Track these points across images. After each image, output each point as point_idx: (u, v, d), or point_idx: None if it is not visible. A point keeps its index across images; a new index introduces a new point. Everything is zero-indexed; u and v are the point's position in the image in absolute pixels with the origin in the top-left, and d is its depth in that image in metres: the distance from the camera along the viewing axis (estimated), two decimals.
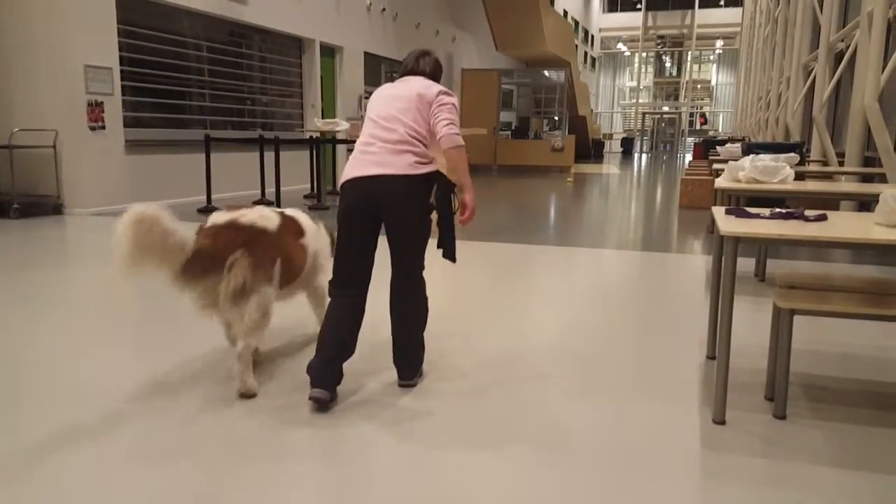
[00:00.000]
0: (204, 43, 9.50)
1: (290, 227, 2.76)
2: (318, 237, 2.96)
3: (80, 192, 7.68)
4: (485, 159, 16.95)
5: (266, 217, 2.64)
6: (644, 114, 35.28)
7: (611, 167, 20.17)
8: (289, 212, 2.87)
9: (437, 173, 2.57)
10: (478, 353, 3.22)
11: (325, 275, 3.06)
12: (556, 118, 19.62)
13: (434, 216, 2.65)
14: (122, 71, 8.15)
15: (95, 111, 7.73)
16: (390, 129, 2.57)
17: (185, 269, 2.34)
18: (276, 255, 2.58)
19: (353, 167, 2.58)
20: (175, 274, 2.34)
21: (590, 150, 24.99)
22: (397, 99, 2.63)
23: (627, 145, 30.65)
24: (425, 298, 2.73)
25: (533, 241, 6.43)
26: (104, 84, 7.82)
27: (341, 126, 9.16)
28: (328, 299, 2.89)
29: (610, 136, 32.55)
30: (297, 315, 3.70)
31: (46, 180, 7.67)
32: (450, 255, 2.70)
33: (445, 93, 2.64)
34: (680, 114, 35.65)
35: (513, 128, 19.94)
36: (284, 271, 2.65)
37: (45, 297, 4.10)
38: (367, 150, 2.58)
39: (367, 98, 11.41)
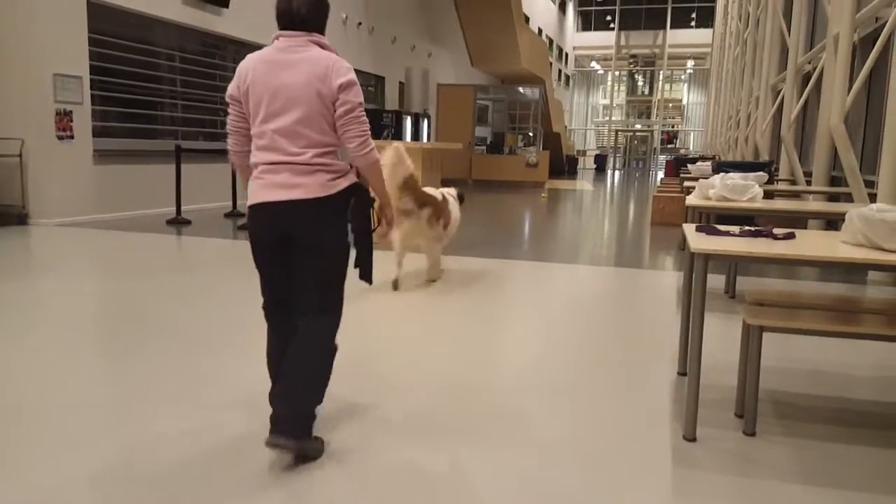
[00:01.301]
0: (177, 53, 9.40)
1: (446, 199, 5.08)
2: (455, 207, 5.25)
3: (45, 203, 7.52)
4: (460, 174, 16.99)
5: (438, 192, 5.05)
6: (617, 131, 35.77)
7: (584, 183, 20.34)
8: (444, 190, 5.24)
9: (355, 186, 2.26)
10: (443, 369, 3.19)
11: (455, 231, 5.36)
12: (531, 134, 19.75)
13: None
14: (92, 80, 8.02)
15: (64, 120, 7.59)
16: (296, 147, 2.18)
17: (402, 185, 4.56)
18: (441, 213, 4.92)
19: (258, 189, 2.21)
20: (398, 186, 4.52)
21: (564, 166, 25.19)
22: (290, 99, 2.16)
23: (601, 162, 31.02)
24: (331, 357, 2.27)
25: (507, 255, 6.43)
26: (73, 93, 7.69)
27: None
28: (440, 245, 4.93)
29: (583, 153, 32.93)
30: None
31: (11, 190, 7.49)
32: (366, 275, 2.38)
33: (348, 86, 2.18)
34: (652, 131, 36.23)
35: (488, 143, 20.03)
36: (444, 223, 5.03)
37: (5, 310, 3.98)
38: (271, 168, 2.20)
39: None
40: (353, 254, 2.35)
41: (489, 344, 3.63)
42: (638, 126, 39.25)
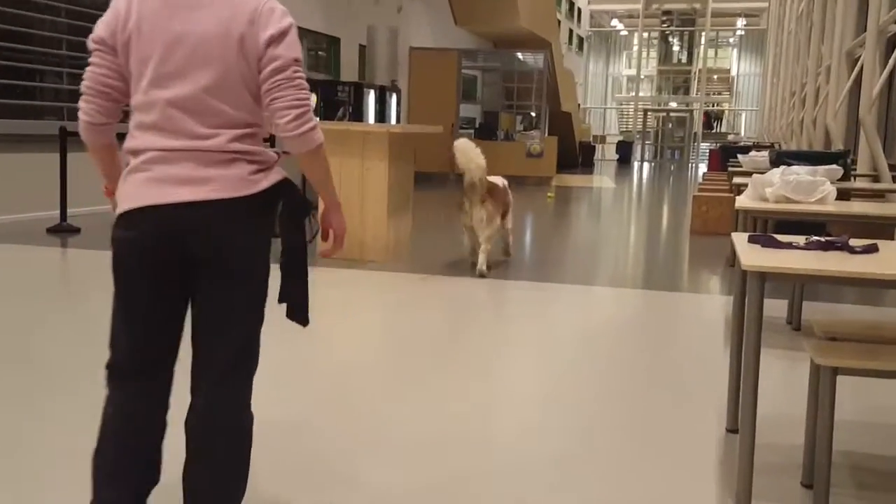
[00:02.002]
0: (62, 5, 9.36)
1: (506, 190, 6.84)
2: (509, 193, 6.95)
3: None
4: (439, 166, 17.02)
5: (497, 180, 6.77)
6: (646, 111, 36.15)
7: (603, 179, 20.52)
8: (497, 179, 6.88)
9: (283, 184, 2.03)
10: (417, 436, 3.18)
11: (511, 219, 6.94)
12: (533, 115, 19.90)
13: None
14: None
15: None
16: (204, 126, 1.95)
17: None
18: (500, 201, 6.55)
19: (139, 187, 1.94)
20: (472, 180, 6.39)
21: (576, 156, 25.42)
22: (196, 54, 1.94)
23: (624, 151, 31.35)
24: (251, 432, 2.07)
25: (502, 275, 6.46)
26: None
27: None
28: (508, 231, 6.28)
29: (602, 140, 33.19)
30: None
31: None
32: (300, 312, 2.12)
33: (280, 36, 1.97)
34: (691, 112, 36.65)
35: (477, 126, 20.14)
36: (502, 212, 6.68)
37: None
38: (164, 156, 1.94)
39: None
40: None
41: (479, 398, 3.62)
42: (673, 104, 39.73)
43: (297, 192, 2.07)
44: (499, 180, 6.90)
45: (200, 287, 1.98)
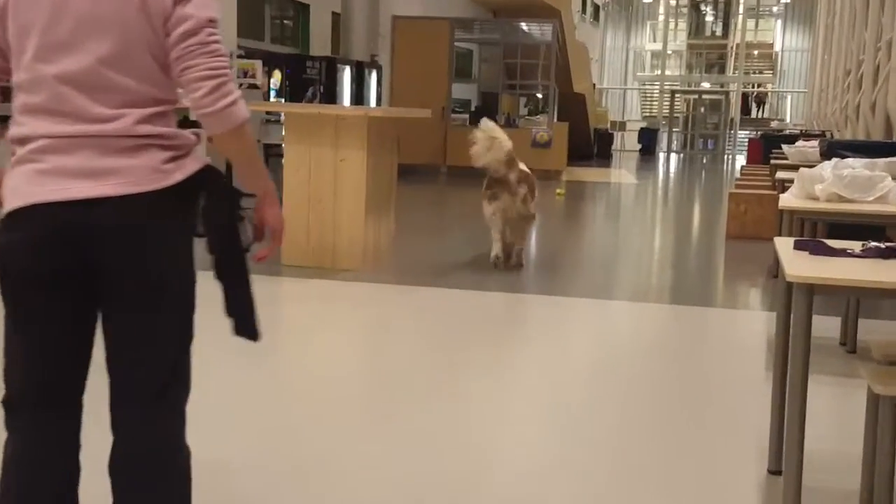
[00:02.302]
0: None
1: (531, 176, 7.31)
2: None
3: None
4: (428, 157, 17.06)
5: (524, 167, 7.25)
6: (673, 92, 36.23)
7: (623, 174, 20.57)
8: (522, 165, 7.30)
9: (206, 171, 2.00)
10: (403, 476, 3.17)
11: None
12: (540, 96, 19.93)
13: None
14: None
15: None
16: (102, 105, 1.89)
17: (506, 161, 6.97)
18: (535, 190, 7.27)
19: (28, 181, 1.87)
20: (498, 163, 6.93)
21: (591, 146, 25.47)
22: (89, 19, 1.89)
23: (648, 140, 31.41)
24: (188, 470, 2.05)
25: (503, 286, 6.47)
26: None
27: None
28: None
29: (622, 127, 33.29)
30: None
31: None
32: (248, 326, 2.09)
33: None
34: (728, 94, 36.76)
35: (472, 109, 20.13)
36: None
37: None
38: (56, 145, 1.87)
39: (240, 57, 11.41)
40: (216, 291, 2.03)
41: (474, 438, 3.61)
42: (706, 85, 39.86)
43: (222, 181, 2.03)
44: (523, 166, 7.33)
45: (110, 302, 1.93)
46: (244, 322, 2.06)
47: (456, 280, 6.62)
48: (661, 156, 30.45)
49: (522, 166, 7.27)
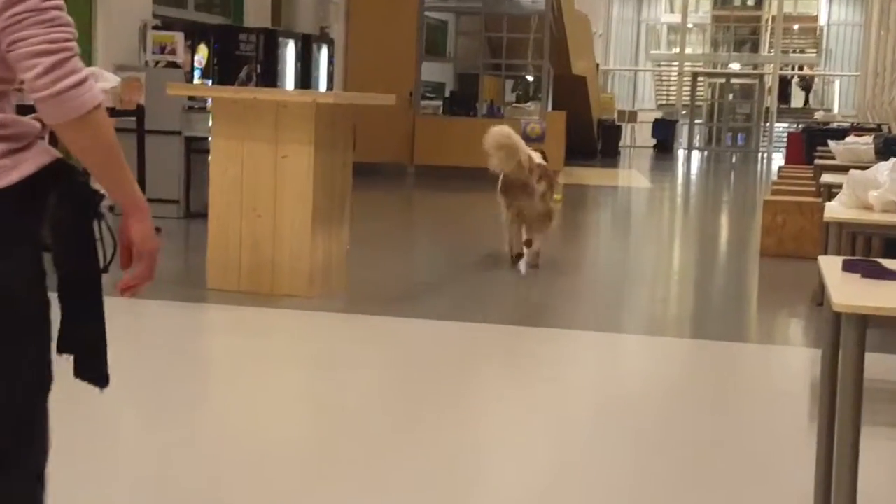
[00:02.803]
0: None
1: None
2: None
3: None
4: (392, 154, 17.04)
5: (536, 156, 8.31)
6: (695, 75, 36.49)
7: (634, 175, 20.66)
8: (536, 155, 8.29)
9: (54, 168, 1.99)
10: None
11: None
12: (530, 79, 20.00)
13: None
14: None
15: None
16: None
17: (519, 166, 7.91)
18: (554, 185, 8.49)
19: None
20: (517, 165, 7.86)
21: (594, 140, 25.57)
22: None
23: (664, 134, 31.57)
24: None
25: (485, 316, 6.45)
26: None
27: (105, 82, 9.04)
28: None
29: (632, 118, 33.46)
30: None
31: None
32: (92, 367, 2.04)
33: None
34: (762, 77, 37.06)
35: (447, 95, 20.15)
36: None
37: None
38: None
39: (156, 29, 11.35)
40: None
41: (456, 496, 3.59)
42: (735, 66, 40.14)
43: (77, 181, 1.98)
44: (537, 156, 8.24)
45: None
46: (88, 361, 2.00)
47: (427, 308, 6.61)
48: (681, 153, 30.65)
49: (538, 157, 8.12)
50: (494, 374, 5.32)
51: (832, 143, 9.76)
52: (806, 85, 41.70)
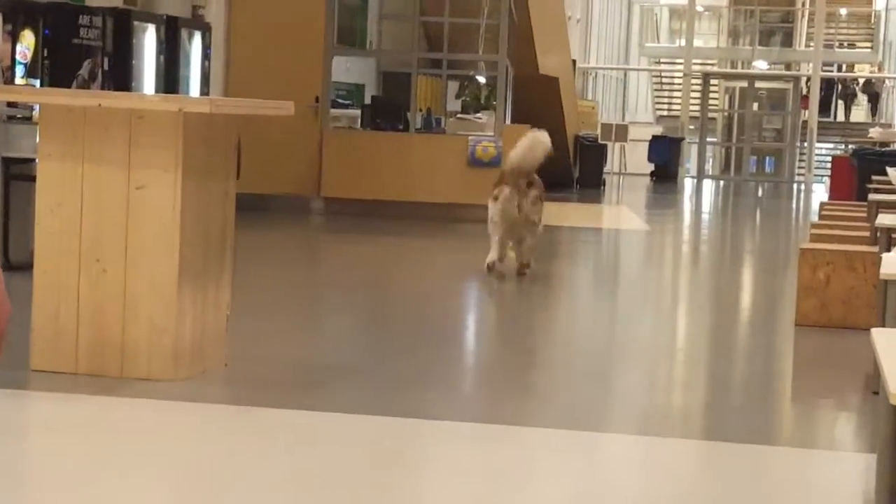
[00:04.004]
0: None
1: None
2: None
3: None
4: (292, 183, 17.00)
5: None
6: (707, 77, 36.88)
7: (624, 214, 20.78)
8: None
9: None
10: None
11: None
12: (482, 80, 20.06)
13: None
14: None
15: None
16: None
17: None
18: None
19: None
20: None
21: (569, 165, 25.70)
22: None
23: (665, 156, 31.78)
24: None
25: (418, 409, 6.44)
26: None
27: None
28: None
29: (622, 134, 33.70)
30: None
31: None
32: None
33: None
34: (797, 81, 37.51)
35: (367, 102, 20.14)
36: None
37: None
38: None
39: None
40: None
41: None
42: (761, 65, 40.61)
43: None
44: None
45: None
46: None
47: (338, 397, 6.61)
48: (688, 184, 30.91)
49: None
50: (430, 491, 5.30)
51: (892, 171, 9.88)
52: (856, 92, 42.22)
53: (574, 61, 29.60)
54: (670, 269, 14.17)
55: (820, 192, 26.81)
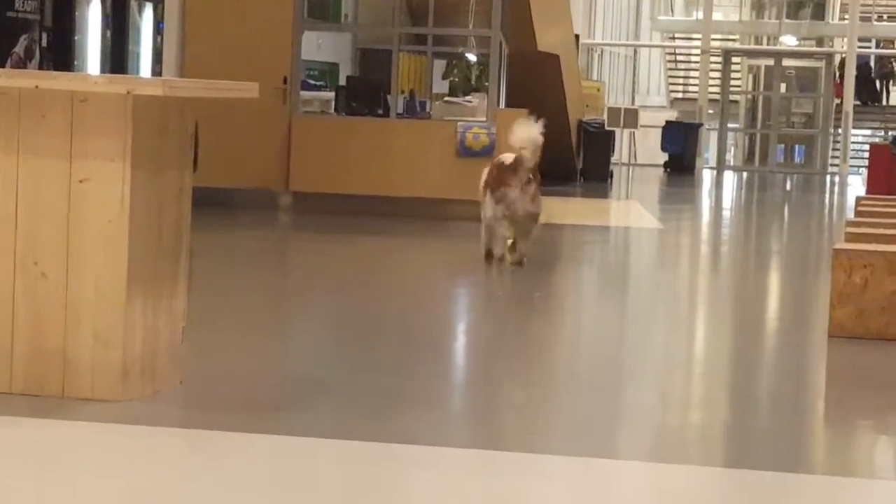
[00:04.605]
0: None
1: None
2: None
3: None
4: (257, 176, 16.99)
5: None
6: (728, 54, 36.90)
7: (634, 210, 20.77)
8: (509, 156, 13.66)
9: None
10: None
11: None
12: (473, 59, 20.09)
13: None
14: None
15: None
16: None
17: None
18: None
19: None
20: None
21: (572, 155, 25.69)
22: None
23: (680, 144, 31.79)
24: None
25: (404, 433, 6.44)
26: None
27: None
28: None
29: (631, 120, 33.69)
30: None
31: None
32: None
33: None
34: (830, 59, 37.56)
35: (342, 83, 20.11)
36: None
37: None
38: None
39: None
40: None
41: None
42: (789, 41, 40.68)
43: None
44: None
45: None
46: None
47: (310, 419, 6.62)
48: (707, 176, 30.94)
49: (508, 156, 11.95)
50: None
51: None
52: (884, 74, 42.30)
53: (577, 36, 29.64)
54: (687, 273, 14.19)
55: (856, 185, 26.86)
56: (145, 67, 15.27)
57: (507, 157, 12.53)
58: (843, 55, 36.82)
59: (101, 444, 6.01)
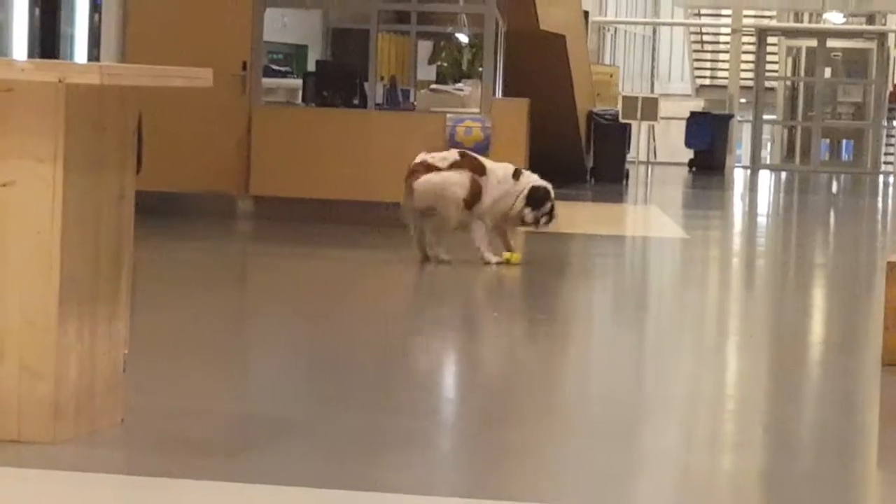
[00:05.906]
0: None
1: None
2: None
3: None
4: (212, 178, 17.02)
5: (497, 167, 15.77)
6: (763, 33, 37.03)
7: (654, 216, 20.83)
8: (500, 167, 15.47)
9: None
10: None
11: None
12: (465, 40, 20.17)
13: None
14: None
15: None
16: None
17: None
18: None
19: None
20: None
21: (581, 152, 25.74)
22: None
23: (708, 139, 31.85)
24: None
25: (386, 480, 6.47)
26: None
27: None
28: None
29: (649, 110, 33.73)
30: None
31: None
32: None
33: None
34: (883, 40, 37.71)
35: (311, 69, 20.15)
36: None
37: None
38: None
39: None
40: None
41: None
42: (835, 19, 40.85)
43: None
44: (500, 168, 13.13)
45: None
46: None
47: (272, 463, 6.61)
48: (739, 176, 31.00)
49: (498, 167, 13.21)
50: None
51: None
52: None
53: (586, 13, 29.70)
54: (716, 292, 14.22)
55: None
56: (80, 52, 15.28)
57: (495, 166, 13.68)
58: None
59: (28, 494, 6.01)
